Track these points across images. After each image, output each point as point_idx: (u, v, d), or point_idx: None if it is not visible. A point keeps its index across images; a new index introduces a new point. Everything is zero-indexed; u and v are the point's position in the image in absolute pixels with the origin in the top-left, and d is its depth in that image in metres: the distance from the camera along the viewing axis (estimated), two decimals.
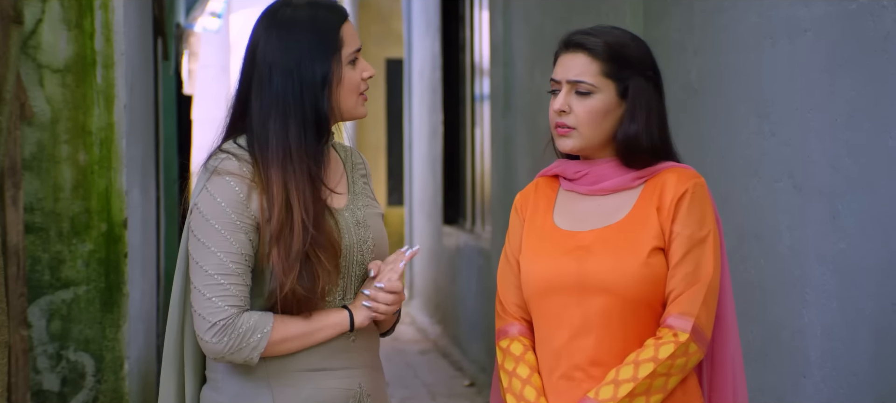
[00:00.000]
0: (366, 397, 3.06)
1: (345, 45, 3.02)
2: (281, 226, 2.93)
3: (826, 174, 3.88)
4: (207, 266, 2.92)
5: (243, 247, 2.92)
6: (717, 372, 3.07)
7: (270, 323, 2.93)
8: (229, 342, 2.91)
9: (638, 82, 2.99)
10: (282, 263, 2.93)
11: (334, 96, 3.02)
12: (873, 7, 3.61)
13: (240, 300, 2.92)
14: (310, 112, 2.98)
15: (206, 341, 2.92)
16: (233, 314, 2.91)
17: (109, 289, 5.58)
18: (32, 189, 5.50)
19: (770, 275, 4.28)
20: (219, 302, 2.91)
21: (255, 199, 2.94)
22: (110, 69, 5.57)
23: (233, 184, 2.93)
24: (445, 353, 10.94)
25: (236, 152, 2.98)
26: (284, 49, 2.99)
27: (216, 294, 2.91)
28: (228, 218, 2.92)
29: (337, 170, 3.12)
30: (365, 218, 3.08)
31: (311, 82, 2.98)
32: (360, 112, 3.08)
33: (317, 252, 2.94)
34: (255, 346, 2.92)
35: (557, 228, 3.04)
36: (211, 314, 2.91)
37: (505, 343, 3.08)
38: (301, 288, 2.93)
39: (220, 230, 2.92)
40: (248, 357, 2.93)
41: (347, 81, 3.02)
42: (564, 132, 3.01)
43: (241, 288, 2.93)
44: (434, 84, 12.28)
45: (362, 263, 3.06)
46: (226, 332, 2.91)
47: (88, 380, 5.58)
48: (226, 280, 2.91)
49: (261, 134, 2.98)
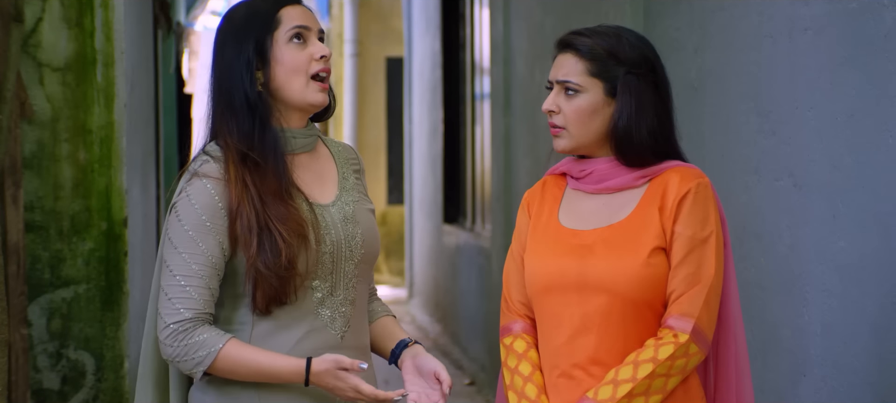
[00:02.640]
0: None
1: (282, 24, 2.94)
2: (238, 203, 2.88)
3: (826, 172, 3.88)
4: (173, 266, 2.88)
5: (212, 252, 2.88)
6: (721, 372, 3.07)
7: (221, 344, 2.86)
8: (177, 349, 2.87)
9: (628, 80, 2.98)
10: (242, 238, 2.87)
11: (272, 78, 2.94)
12: (874, 6, 3.61)
13: (198, 304, 2.87)
14: (240, 97, 2.91)
15: (161, 341, 2.89)
16: (187, 319, 2.86)
17: (109, 288, 5.58)
18: (33, 187, 5.50)
19: (770, 274, 4.28)
20: (176, 305, 2.87)
21: (227, 197, 2.90)
22: (111, 67, 5.57)
23: (209, 187, 2.89)
24: (445, 352, 10.95)
25: (214, 154, 2.94)
26: (221, 38, 2.96)
27: (176, 294, 2.87)
28: (201, 222, 2.88)
29: (326, 167, 3.08)
30: (354, 213, 3.03)
31: (237, 66, 2.91)
32: (311, 97, 2.96)
33: (275, 225, 2.87)
34: (198, 362, 2.86)
35: (561, 227, 3.05)
36: (168, 315, 2.87)
37: (508, 340, 3.08)
38: (262, 264, 2.86)
39: (191, 233, 2.87)
40: (191, 371, 2.88)
41: (287, 60, 2.93)
42: (556, 132, 3.03)
43: (202, 291, 2.88)
44: (434, 82, 12.28)
45: (352, 259, 3.01)
46: (177, 338, 2.87)
47: (89, 379, 5.58)
48: (187, 282, 2.86)
49: (217, 123, 2.95)
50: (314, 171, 3.04)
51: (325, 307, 2.98)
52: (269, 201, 2.89)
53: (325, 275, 2.97)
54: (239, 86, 2.92)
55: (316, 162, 3.05)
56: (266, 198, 2.89)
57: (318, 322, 2.97)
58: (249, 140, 2.92)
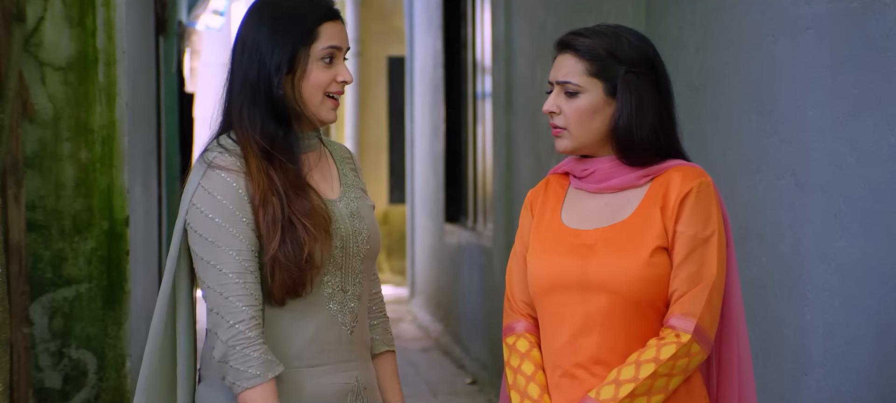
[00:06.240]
0: (362, 390, 3.06)
1: (319, 40, 2.97)
2: (263, 195, 2.91)
3: (828, 171, 3.88)
4: (221, 265, 2.89)
5: (250, 241, 2.91)
6: (723, 372, 3.06)
7: (271, 375, 2.87)
8: (238, 354, 2.86)
9: (628, 79, 2.98)
10: (266, 229, 2.90)
11: (296, 88, 2.97)
12: (875, 5, 3.61)
13: (256, 299, 2.89)
14: (264, 96, 2.95)
15: (223, 341, 2.88)
16: (252, 317, 2.87)
17: (111, 287, 5.58)
18: (34, 186, 5.51)
19: (772, 273, 4.28)
20: (237, 303, 2.88)
21: (249, 189, 2.93)
22: (112, 67, 5.57)
23: (229, 180, 2.92)
24: (447, 351, 10.95)
25: (229, 147, 2.96)
26: (255, 30, 2.98)
27: (233, 293, 2.88)
28: (230, 213, 2.90)
29: (328, 165, 3.12)
30: (359, 209, 3.08)
31: (268, 66, 2.95)
32: (324, 115, 3.02)
33: (300, 219, 2.91)
34: (249, 377, 2.86)
35: (564, 226, 3.05)
36: (230, 314, 2.87)
37: (511, 339, 3.08)
38: (283, 255, 2.89)
39: (227, 227, 2.90)
40: (235, 381, 2.88)
41: (314, 77, 2.98)
42: (557, 132, 3.04)
43: (256, 285, 2.91)
44: (436, 82, 12.28)
45: (358, 255, 3.05)
46: (242, 341, 2.86)
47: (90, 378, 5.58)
48: (239, 277, 2.89)
49: (236, 116, 2.98)
50: (320, 169, 3.08)
51: (335, 301, 3.02)
52: (292, 195, 2.93)
53: (335, 270, 3.01)
54: (268, 86, 2.96)
55: (319, 160, 3.09)
56: (289, 193, 2.93)
57: (328, 315, 3.01)
58: (273, 139, 2.96)
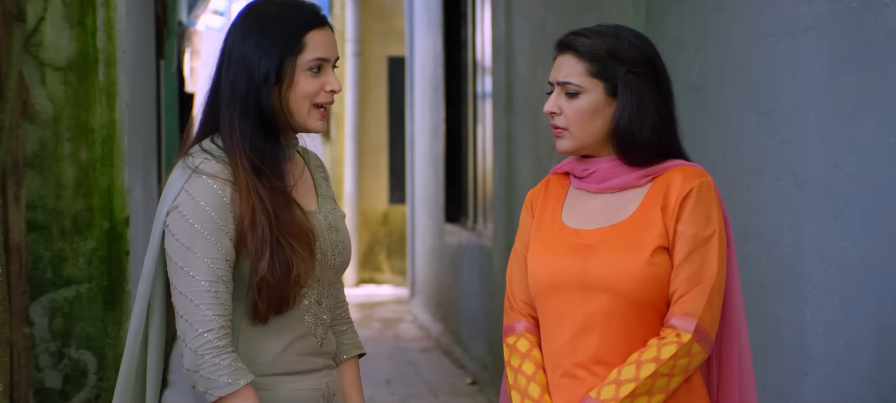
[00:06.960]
0: (332, 395, 3.06)
1: (306, 50, 2.94)
2: (252, 213, 2.88)
3: (828, 172, 3.88)
4: (191, 269, 2.85)
5: (228, 252, 2.87)
6: (724, 372, 3.07)
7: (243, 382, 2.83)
8: (207, 363, 2.83)
9: (629, 79, 2.98)
10: (254, 249, 2.87)
11: (283, 98, 2.94)
12: (875, 5, 3.61)
13: (226, 309, 2.85)
14: (253, 107, 2.92)
15: (191, 349, 2.84)
16: (221, 326, 2.83)
17: (111, 287, 5.58)
18: (34, 186, 5.51)
19: (772, 273, 4.28)
20: (206, 311, 2.83)
21: (235, 200, 2.89)
22: (112, 67, 5.57)
23: (215, 187, 2.88)
24: (447, 351, 10.95)
25: (215, 153, 2.92)
26: (242, 39, 2.94)
27: (203, 301, 2.84)
28: (212, 221, 2.86)
29: (305, 173, 3.09)
30: (335, 221, 3.06)
31: (255, 75, 2.91)
32: (312, 125, 2.98)
33: (287, 239, 2.88)
34: (221, 386, 2.82)
35: (564, 226, 3.05)
36: (199, 323, 2.83)
37: (512, 339, 3.08)
38: (271, 276, 2.87)
39: (206, 234, 2.85)
40: (206, 390, 2.84)
41: (301, 87, 2.94)
42: (558, 133, 3.04)
43: (227, 296, 2.87)
44: (436, 82, 12.28)
45: (334, 268, 3.04)
46: (211, 351, 2.83)
47: (90, 378, 5.58)
48: (211, 286, 2.84)
49: (226, 126, 2.93)
50: (303, 181, 3.06)
51: (310, 313, 3.01)
52: (280, 214, 2.90)
53: (313, 283, 2.99)
54: (255, 96, 2.92)
55: (297, 168, 3.06)
56: (278, 212, 2.90)
57: (303, 329, 3.00)
58: (262, 153, 2.92)
